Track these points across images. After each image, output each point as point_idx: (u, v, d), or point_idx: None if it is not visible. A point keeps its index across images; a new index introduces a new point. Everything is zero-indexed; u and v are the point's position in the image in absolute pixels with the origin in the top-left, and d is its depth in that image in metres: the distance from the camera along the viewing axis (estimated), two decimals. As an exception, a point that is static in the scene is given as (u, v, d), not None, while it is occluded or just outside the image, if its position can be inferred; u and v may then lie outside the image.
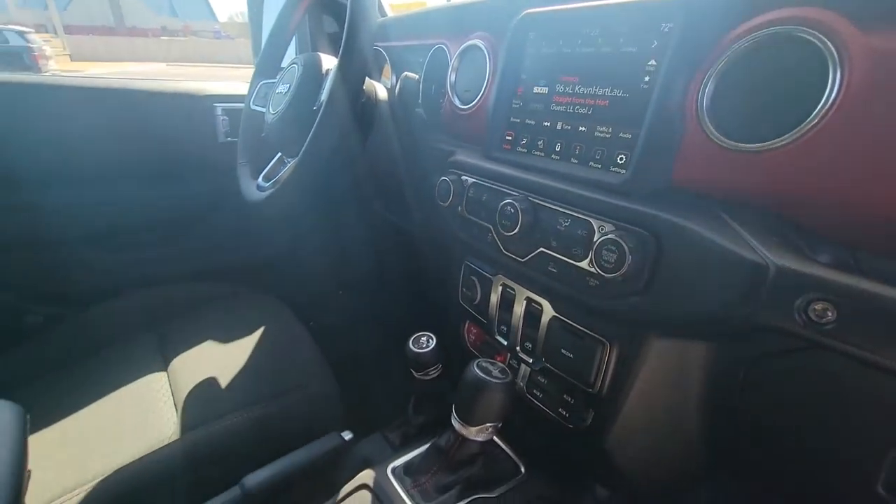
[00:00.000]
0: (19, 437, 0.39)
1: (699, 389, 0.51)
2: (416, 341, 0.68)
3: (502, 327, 0.65)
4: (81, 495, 0.59)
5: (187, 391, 0.75)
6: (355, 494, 0.58)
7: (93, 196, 1.02)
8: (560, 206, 0.50)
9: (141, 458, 0.64)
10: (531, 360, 0.61)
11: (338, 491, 0.60)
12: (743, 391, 0.49)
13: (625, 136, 0.48)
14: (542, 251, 0.53)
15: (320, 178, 0.74)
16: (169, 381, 0.79)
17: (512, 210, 0.54)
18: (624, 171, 0.47)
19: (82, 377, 0.82)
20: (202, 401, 0.73)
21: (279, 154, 0.84)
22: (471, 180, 0.62)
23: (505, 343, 0.65)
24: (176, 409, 0.72)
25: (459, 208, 0.63)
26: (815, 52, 0.35)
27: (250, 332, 0.89)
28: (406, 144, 0.76)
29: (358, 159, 0.78)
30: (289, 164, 0.77)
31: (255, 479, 0.62)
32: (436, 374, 0.69)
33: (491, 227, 0.59)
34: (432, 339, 0.68)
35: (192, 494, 0.61)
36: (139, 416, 0.71)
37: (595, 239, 0.46)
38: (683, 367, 0.49)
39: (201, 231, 1.09)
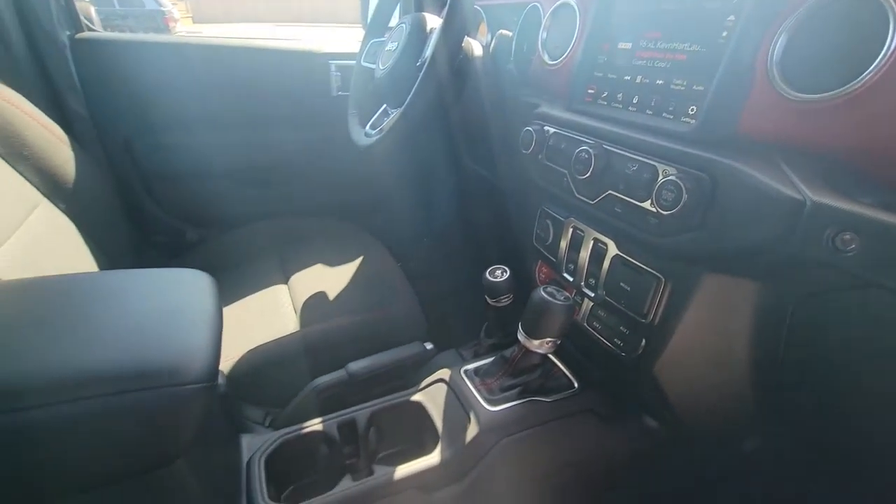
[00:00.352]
0: (218, 301, 0.52)
1: (747, 329, 0.56)
2: (492, 273, 0.78)
3: (570, 265, 0.73)
4: (230, 364, 0.78)
5: (303, 300, 0.92)
6: (433, 386, 0.71)
7: (230, 139, 1.23)
8: (630, 153, 0.57)
9: (269, 343, 0.82)
10: (593, 295, 0.69)
11: (419, 383, 0.73)
12: (790, 332, 0.53)
13: (698, 88, 0.52)
14: (610, 194, 0.60)
15: (419, 128, 0.85)
16: (289, 291, 0.97)
17: (586, 156, 0.61)
18: (694, 122, 0.52)
19: (224, 284, 1.03)
20: (314, 307, 0.90)
21: (384, 105, 0.96)
22: (552, 130, 0.69)
23: (571, 280, 0.73)
24: (295, 312, 0.90)
25: (540, 156, 0.71)
26: (878, 8, 0.38)
27: (352, 259, 1.05)
28: (496, 98, 0.84)
29: (452, 111, 0.87)
30: (393, 115, 0.89)
31: (356, 365, 0.77)
32: (507, 303, 0.79)
33: (566, 172, 0.66)
34: (506, 272, 0.78)
35: (309, 372, 0.78)
36: (267, 315, 0.90)
37: (658, 181, 0.53)
38: (732, 304, 0.55)
39: (314, 173, 1.26)
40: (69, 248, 0.88)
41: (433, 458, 0.61)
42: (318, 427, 0.66)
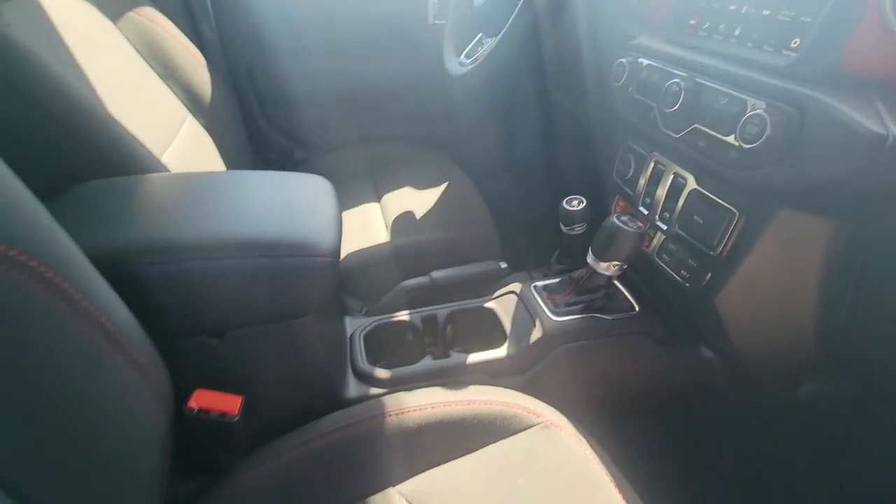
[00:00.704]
0: (337, 201, 0.64)
1: (816, 268, 0.58)
2: (569, 202, 0.83)
3: (647, 199, 0.76)
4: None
5: (393, 216, 1.04)
6: (505, 296, 0.80)
7: (335, 67, 1.33)
8: (721, 86, 0.58)
9: (366, 248, 0.94)
10: (665, 228, 0.72)
11: (492, 293, 0.83)
12: (861, 275, 0.54)
13: (805, 19, 0.52)
14: (695, 127, 0.62)
15: (513, 58, 0.88)
16: (381, 208, 1.09)
17: (676, 88, 0.62)
18: (794, 55, 0.52)
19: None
20: (403, 222, 1.01)
21: (480, 34, 0.99)
22: (646, 62, 0.70)
23: (646, 213, 0.76)
24: (386, 226, 1.02)
25: (630, 89, 0.72)
26: None
27: (437, 185, 1.14)
28: (591, 29, 0.84)
29: (546, 42, 0.89)
30: (488, 44, 0.92)
31: (438, 274, 0.88)
32: (580, 231, 0.84)
33: (654, 105, 0.68)
34: (582, 202, 0.82)
35: (398, 275, 0.90)
36: (363, 226, 1.02)
37: (745, 115, 0.54)
38: (803, 241, 0.56)
39: (407, 102, 1.34)
40: (209, 159, 1.05)
41: (500, 352, 0.71)
42: (405, 318, 0.78)
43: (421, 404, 0.58)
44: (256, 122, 1.36)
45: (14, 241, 0.29)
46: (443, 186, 1.14)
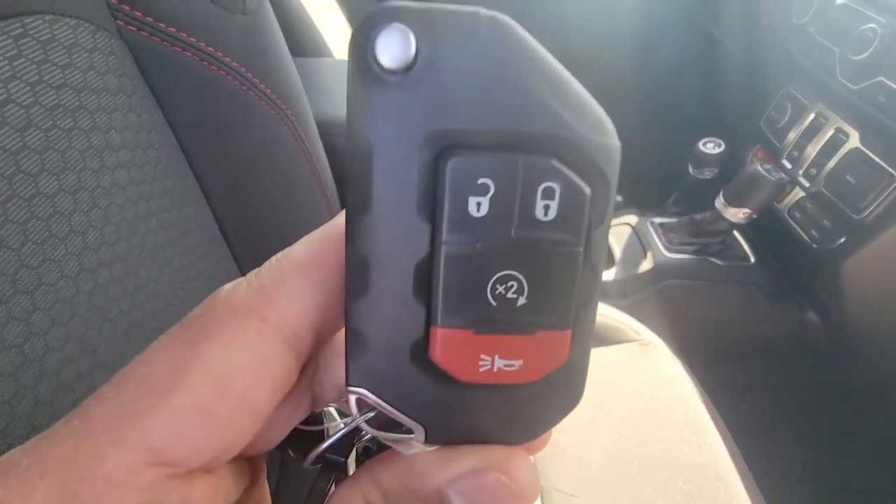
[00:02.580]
0: None
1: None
2: (706, 144, 0.82)
3: (794, 153, 0.73)
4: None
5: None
6: (619, 227, 0.83)
7: None
8: (930, 37, 0.53)
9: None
10: (808, 185, 0.70)
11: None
12: None
13: None
14: (880, 80, 0.58)
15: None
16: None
17: (871, 34, 0.58)
18: None
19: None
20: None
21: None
22: (840, 0, 0.64)
23: (789, 167, 0.74)
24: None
25: (812, 28, 0.67)
26: None
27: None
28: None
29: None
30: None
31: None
32: (710, 176, 0.83)
33: (838, 49, 0.63)
34: (720, 145, 0.81)
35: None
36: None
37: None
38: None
39: (542, 20, 1.29)
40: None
41: (608, 275, 0.76)
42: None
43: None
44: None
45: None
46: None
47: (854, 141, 0.63)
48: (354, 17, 1.14)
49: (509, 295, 0.10)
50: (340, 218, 0.10)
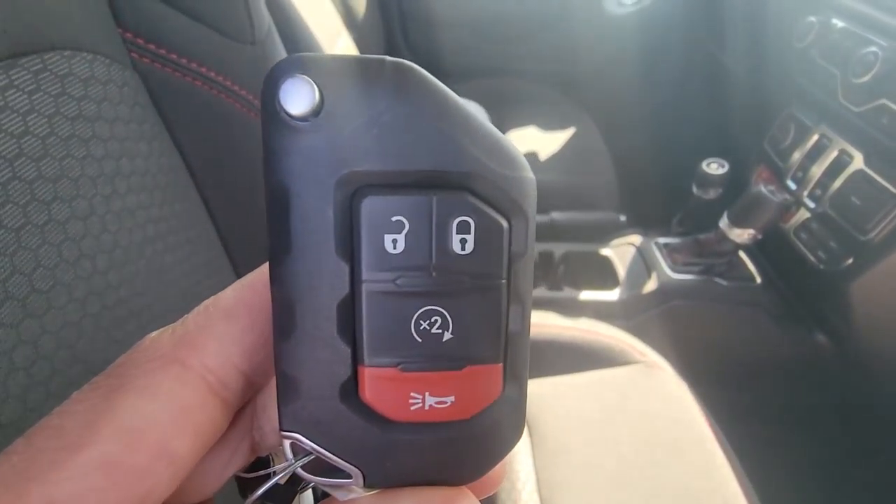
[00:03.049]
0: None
1: None
2: (709, 164, 0.82)
3: (798, 174, 0.73)
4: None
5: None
6: (622, 246, 0.84)
7: None
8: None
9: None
10: (813, 206, 0.70)
11: (608, 242, 0.86)
12: None
13: None
14: (882, 103, 0.58)
15: (684, 6, 0.84)
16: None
17: (872, 58, 0.58)
18: None
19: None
20: (527, 158, 1.04)
21: (646, -25, 0.95)
22: (840, 24, 0.65)
23: (794, 188, 0.73)
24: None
25: (813, 51, 0.68)
26: None
27: (562, 127, 1.15)
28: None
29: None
30: (655, -14, 0.88)
31: (558, 214, 0.92)
32: (714, 197, 0.83)
33: (839, 72, 0.64)
34: (724, 166, 0.81)
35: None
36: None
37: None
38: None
39: (551, 35, 1.31)
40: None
41: (612, 295, 0.76)
42: (523, 248, 0.84)
43: (537, 322, 0.65)
44: (396, 42, 1.42)
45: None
46: (569, 131, 1.15)
47: (858, 162, 0.63)
48: (361, 42, 1.17)
49: (434, 330, 0.10)
50: (265, 265, 0.11)
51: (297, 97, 0.09)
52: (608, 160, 1.07)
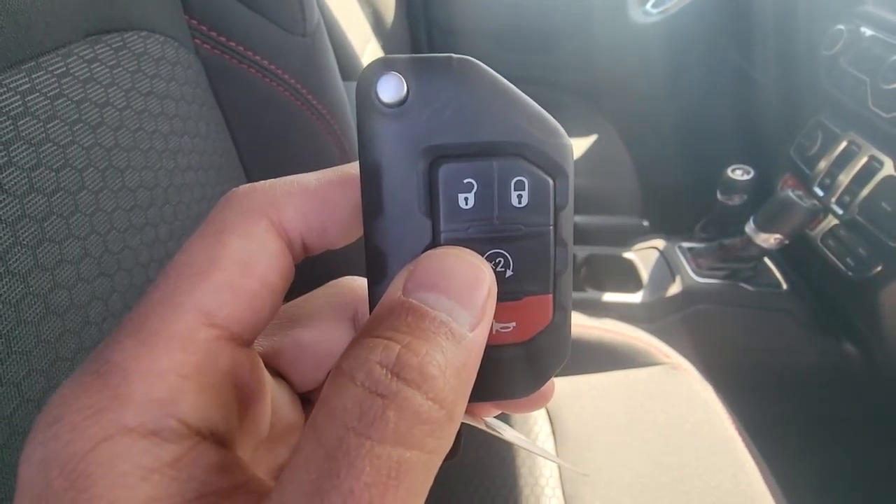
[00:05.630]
0: None
1: None
2: (734, 170, 0.82)
3: (826, 181, 0.73)
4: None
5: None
6: (646, 250, 0.84)
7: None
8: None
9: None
10: (841, 213, 0.70)
11: (630, 247, 0.86)
12: None
13: None
14: (915, 109, 0.58)
15: (710, 15, 0.85)
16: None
17: (903, 64, 0.58)
18: None
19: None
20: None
21: (672, -15, 0.96)
22: (869, 32, 0.65)
23: (821, 195, 0.73)
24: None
25: (842, 59, 0.68)
26: None
27: (585, 134, 1.16)
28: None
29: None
30: (681, -5, 0.89)
31: (580, 218, 0.93)
32: (738, 203, 0.83)
33: (868, 79, 0.64)
34: (750, 172, 0.81)
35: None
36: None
37: None
38: None
39: (574, 44, 1.33)
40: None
41: (636, 298, 0.76)
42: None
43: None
44: (420, 51, 1.44)
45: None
46: (591, 138, 1.16)
47: (889, 168, 0.63)
48: (388, 49, 1.19)
49: (498, 269, 0.12)
50: (346, 167, 0.13)
51: (391, 89, 0.11)
52: (630, 167, 1.07)
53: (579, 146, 1.13)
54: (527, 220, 0.12)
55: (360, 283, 0.15)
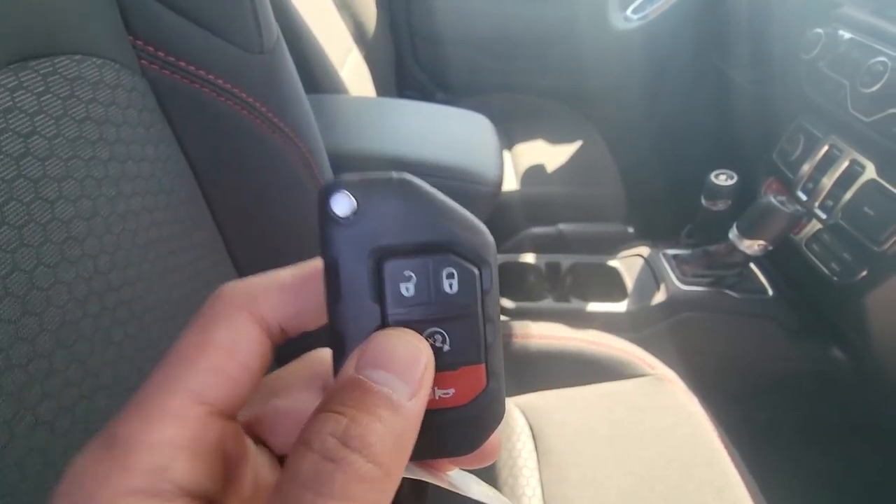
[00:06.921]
0: (497, 138, 0.70)
1: None
2: (718, 175, 0.81)
3: (808, 185, 0.72)
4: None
5: (523, 165, 1.07)
6: (630, 258, 0.83)
7: (485, 8, 1.35)
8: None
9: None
10: (825, 217, 0.69)
11: (616, 254, 0.85)
12: None
13: None
14: (892, 112, 0.57)
15: (690, 20, 0.84)
16: (511, 156, 1.13)
17: (881, 68, 0.58)
18: None
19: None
20: (533, 173, 1.04)
21: (652, -10, 0.96)
22: (847, 35, 0.65)
23: (804, 199, 0.73)
24: (516, 174, 1.06)
25: (821, 63, 0.68)
26: None
27: (570, 141, 1.15)
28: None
29: (735, 3, 0.84)
30: (661, 1, 0.89)
31: (565, 226, 0.92)
32: (723, 208, 0.82)
33: (847, 83, 0.63)
34: (733, 177, 0.80)
35: (525, 222, 0.95)
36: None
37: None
38: None
39: (558, 51, 1.32)
40: (366, 90, 1.15)
41: (620, 307, 0.75)
42: (530, 261, 0.84)
43: (544, 334, 0.65)
44: (404, 58, 1.44)
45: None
46: (575, 144, 1.15)
47: (870, 172, 0.63)
48: (371, 58, 1.19)
49: (437, 345, 0.14)
50: (314, 262, 0.15)
51: (343, 205, 0.14)
52: (615, 173, 1.06)
53: (564, 152, 1.12)
54: (458, 303, 0.14)
55: (329, 354, 0.17)
